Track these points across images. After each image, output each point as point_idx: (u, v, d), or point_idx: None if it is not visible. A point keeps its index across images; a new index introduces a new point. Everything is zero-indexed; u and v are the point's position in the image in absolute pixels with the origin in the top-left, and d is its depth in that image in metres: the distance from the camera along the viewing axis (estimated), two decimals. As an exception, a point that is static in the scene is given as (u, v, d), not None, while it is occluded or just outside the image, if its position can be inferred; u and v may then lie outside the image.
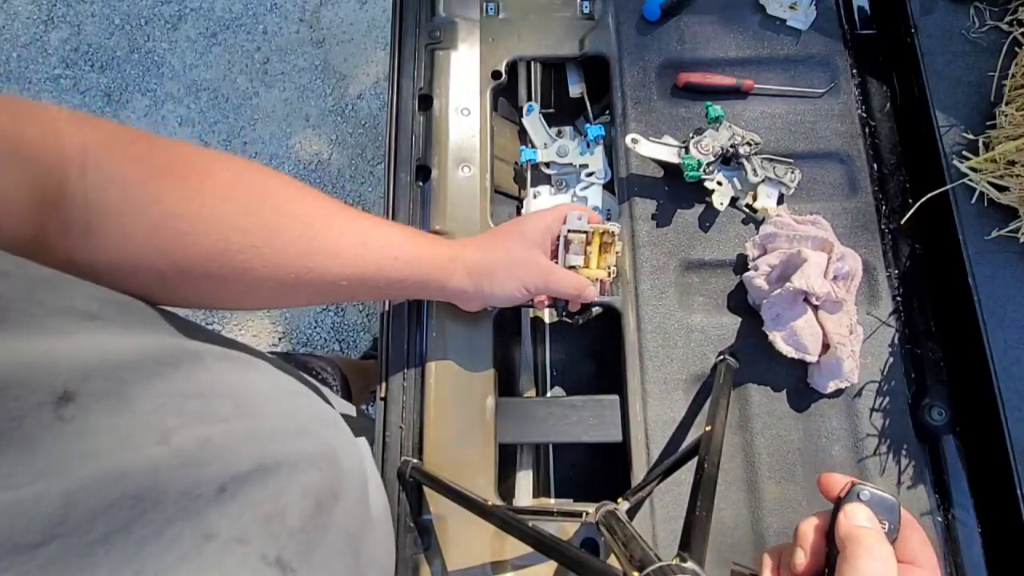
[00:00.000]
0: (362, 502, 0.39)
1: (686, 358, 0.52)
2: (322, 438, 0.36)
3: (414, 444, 0.50)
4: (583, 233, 0.49)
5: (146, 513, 0.21)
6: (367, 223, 0.42)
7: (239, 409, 0.29)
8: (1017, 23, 0.55)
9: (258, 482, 0.27)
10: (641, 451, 0.50)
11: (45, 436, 0.19)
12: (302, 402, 0.39)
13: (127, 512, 0.20)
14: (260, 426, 0.30)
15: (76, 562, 0.18)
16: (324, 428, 0.38)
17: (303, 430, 0.35)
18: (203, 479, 0.24)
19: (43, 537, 0.18)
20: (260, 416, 0.31)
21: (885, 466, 0.49)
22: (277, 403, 0.35)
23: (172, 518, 0.22)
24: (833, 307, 0.49)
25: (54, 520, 0.18)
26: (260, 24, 1.59)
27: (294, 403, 0.38)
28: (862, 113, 0.58)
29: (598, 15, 0.61)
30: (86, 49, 1.60)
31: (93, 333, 0.24)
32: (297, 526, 0.28)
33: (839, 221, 0.54)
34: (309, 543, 0.29)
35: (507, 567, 0.47)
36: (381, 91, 1.53)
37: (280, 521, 0.27)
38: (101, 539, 0.19)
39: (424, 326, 0.53)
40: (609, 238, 0.50)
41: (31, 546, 0.17)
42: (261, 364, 0.36)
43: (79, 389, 0.21)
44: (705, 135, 0.53)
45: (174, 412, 0.25)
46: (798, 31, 0.60)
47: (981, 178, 0.51)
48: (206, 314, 1.43)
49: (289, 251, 0.36)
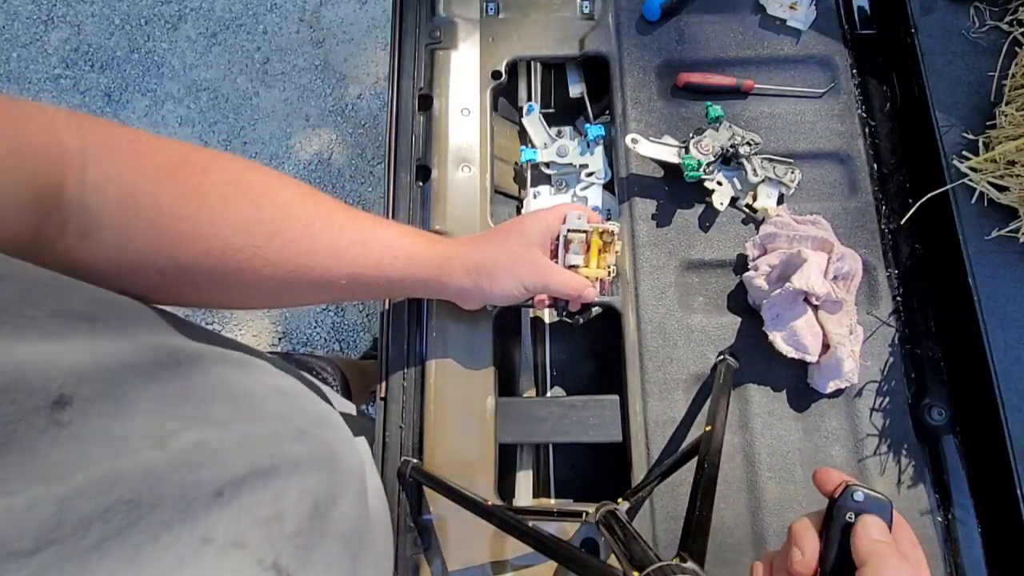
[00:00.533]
0: (360, 504, 0.39)
1: (686, 358, 0.52)
2: (320, 440, 0.36)
3: (414, 444, 0.50)
4: (583, 233, 0.49)
5: (142, 518, 0.21)
6: (367, 222, 0.42)
7: (237, 412, 0.29)
8: (1017, 23, 0.55)
9: (255, 486, 0.27)
10: (641, 451, 0.50)
11: (41, 441, 0.19)
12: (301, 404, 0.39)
13: (123, 517, 0.20)
14: (257, 429, 0.30)
15: (71, 568, 0.18)
16: (323, 430, 0.38)
17: (301, 433, 0.35)
18: (199, 483, 0.24)
19: (37, 544, 0.17)
20: (258, 419, 0.31)
21: (885, 466, 0.49)
22: (275, 405, 0.35)
23: (169, 522, 0.22)
24: (833, 307, 0.49)
25: (48, 527, 0.18)
26: (260, 24, 1.59)
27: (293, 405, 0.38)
28: (862, 113, 0.58)
29: (598, 15, 0.61)
30: (86, 49, 1.60)
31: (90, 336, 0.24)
32: (294, 530, 0.28)
33: (839, 221, 0.54)
34: (307, 547, 0.29)
35: (507, 567, 0.47)
36: (381, 91, 1.53)
37: (277, 525, 0.27)
38: (96, 545, 0.19)
39: (424, 326, 0.53)
40: (609, 237, 0.49)
41: (25, 553, 0.17)
42: (260, 365, 0.36)
43: (75, 393, 0.21)
44: (705, 135, 0.53)
45: (172, 415, 0.25)
46: (798, 31, 0.60)
47: (981, 178, 0.51)
48: (206, 314, 1.43)
49: (289, 250, 0.36)
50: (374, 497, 0.44)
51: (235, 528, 0.25)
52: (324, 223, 0.39)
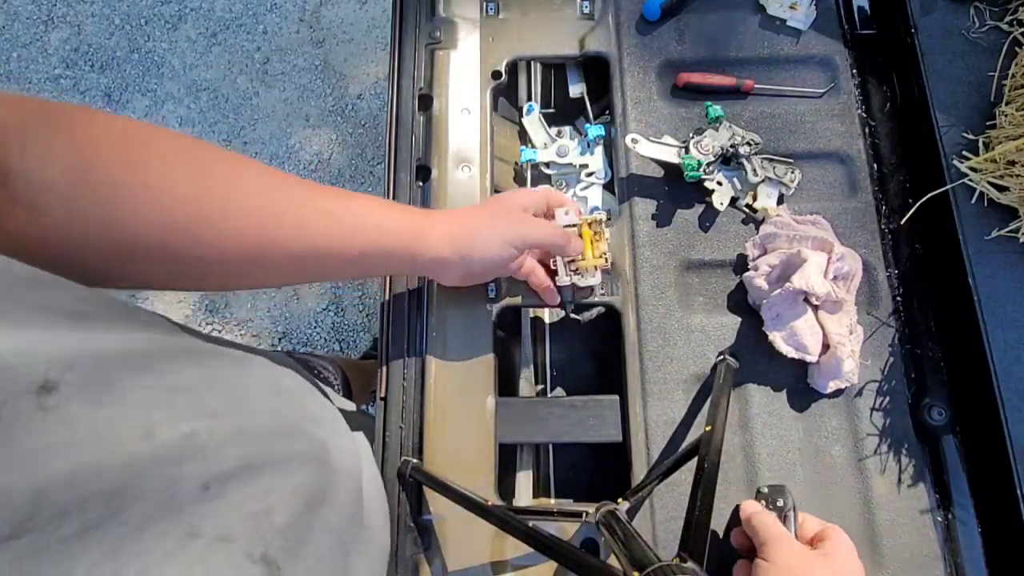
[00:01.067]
0: (354, 502, 0.39)
1: (686, 358, 0.52)
2: (314, 437, 0.36)
3: (414, 444, 0.50)
4: (574, 227, 0.50)
5: (123, 510, 0.21)
6: (331, 194, 0.40)
7: (229, 405, 0.29)
8: (1017, 23, 0.55)
9: (245, 480, 0.27)
10: (641, 451, 0.50)
11: (24, 426, 0.19)
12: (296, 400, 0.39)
13: (102, 509, 0.20)
14: (249, 424, 0.30)
15: (50, 557, 0.18)
16: (317, 427, 0.38)
17: (294, 429, 0.35)
18: (183, 476, 0.24)
19: (11, 531, 0.17)
20: (250, 413, 0.31)
21: (885, 466, 0.49)
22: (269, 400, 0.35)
23: (154, 516, 0.22)
24: (833, 307, 0.49)
25: (22, 515, 0.18)
26: (260, 24, 1.59)
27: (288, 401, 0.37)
28: (862, 113, 0.58)
29: (598, 15, 0.61)
30: (86, 49, 1.60)
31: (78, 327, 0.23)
32: (285, 524, 0.28)
33: (839, 221, 0.54)
34: (297, 541, 0.29)
35: (507, 567, 0.47)
36: (381, 91, 1.53)
37: (267, 519, 0.27)
38: (76, 535, 0.19)
39: (424, 325, 0.53)
40: (598, 227, 0.50)
41: None
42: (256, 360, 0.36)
43: (62, 379, 0.20)
44: (705, 135, 0.53)
45: (162, 405, 0.25)
46: (798, 31, 0.60)
47: (981, 178, 0.51)
48: (206, 314, 1.43)
49: (245, 222, 0.35)
50: (371, 494, 0.44)
51: (223, 522, 0.25)
52: (283, 195, 0.37)
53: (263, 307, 1.43)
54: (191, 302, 1.44)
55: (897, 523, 0.48)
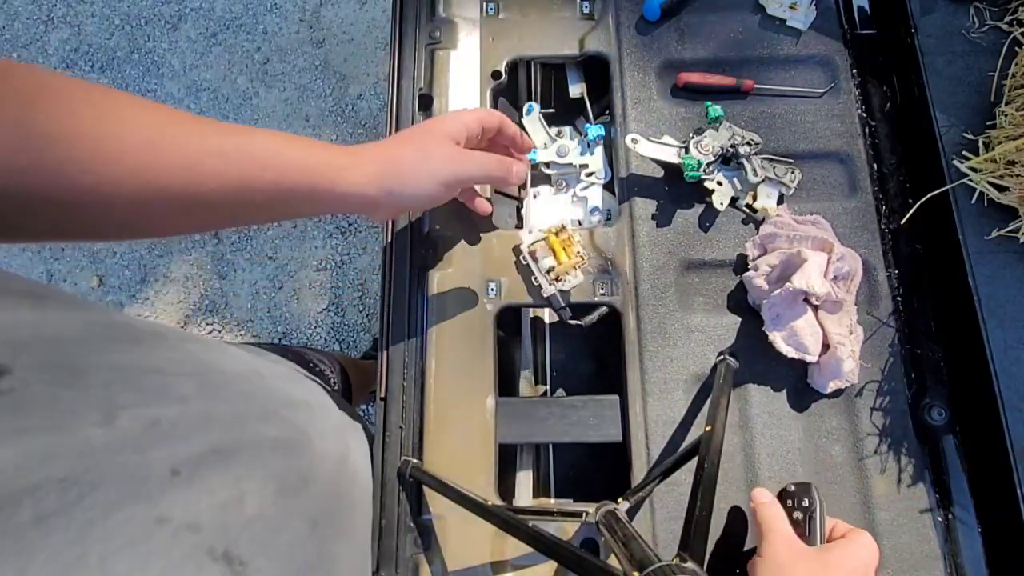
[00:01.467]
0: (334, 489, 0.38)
1: (686, 358, 0.52)
2: (291, 423, 0.35)
3: (414, 444, 0.50)
4: (542, 240, 0.51)
5: (84, 496, 0.20)
6: (230, 131, 0.36)
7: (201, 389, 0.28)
8: (1017, 23, 0.55)
9: (216, 466, 0.26)
10: (641, 451, 0.50)
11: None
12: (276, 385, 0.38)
13: (57, 495, 0.19)
14: (220, 408, 0.29)
15: (9, 544, 0.18)
16: (296, 412, 0.37)
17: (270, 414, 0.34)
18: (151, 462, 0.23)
19: None
20: (222, 398, 0.30)
21: (885, 466, 0.49)
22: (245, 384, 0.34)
23: (119, 501, 0.21)
24: (833, 307, 0.49)
25: None
26: (260, 24, 1.59)
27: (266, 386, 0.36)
28: (862, 113, 0.58)
29: (598, 15, 0.61)
30: (86, 49, 1.60)
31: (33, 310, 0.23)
32: (255, 513, 0.28)
33: (839, 221, 0.54)
34: (268, 530, 0.28)
35: (507, 567, 0.47)
36: (381, 91, 1.53)
37: (238, 507, 0.27)
38: (34, 522, 0.18)
39: (424, 326, 0.53)
40: (564, 233, 0.51)
41: None
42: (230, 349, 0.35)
43: (14, 362, 0.20)
44: (705, 135, 0.53)
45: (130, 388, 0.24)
46: (798, 31, 0.60)
47: (981, 178, 0.51)
48: (206, 314, 1.43)
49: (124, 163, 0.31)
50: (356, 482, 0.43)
51: (193, 509, 0.24)
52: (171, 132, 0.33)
53: (263, 307, 1.43)
54: (191, 302, 1.44)
55: (897, 523, 0.48)
